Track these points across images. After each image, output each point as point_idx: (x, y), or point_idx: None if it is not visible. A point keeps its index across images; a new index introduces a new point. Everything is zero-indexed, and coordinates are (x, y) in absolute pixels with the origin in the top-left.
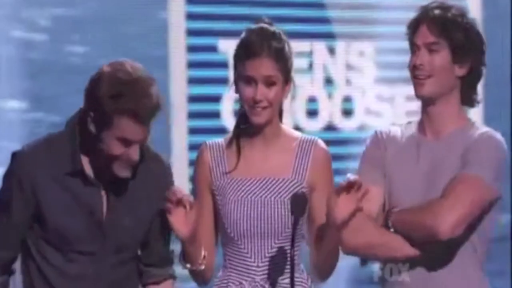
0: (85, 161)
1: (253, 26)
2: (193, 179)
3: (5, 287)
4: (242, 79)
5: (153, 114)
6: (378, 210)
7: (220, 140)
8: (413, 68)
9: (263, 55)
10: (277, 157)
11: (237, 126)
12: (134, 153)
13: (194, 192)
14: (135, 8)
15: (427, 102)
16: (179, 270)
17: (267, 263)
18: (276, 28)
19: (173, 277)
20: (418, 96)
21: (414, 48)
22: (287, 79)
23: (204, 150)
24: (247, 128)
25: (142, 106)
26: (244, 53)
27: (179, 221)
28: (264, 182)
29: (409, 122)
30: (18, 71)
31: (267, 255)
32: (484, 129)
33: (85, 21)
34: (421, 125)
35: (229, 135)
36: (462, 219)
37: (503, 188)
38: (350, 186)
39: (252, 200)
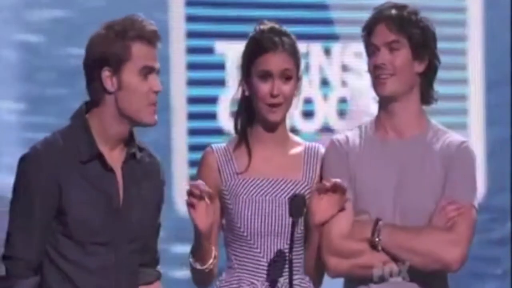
0: (101, 147)
1: (261, 25)
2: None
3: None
4: (257, 76)
5: (158, 36)
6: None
7: (223, 143)
8: (374, 68)
9: (279, 49)
10: (287, 159)
11: (243, 127)
12: (156, 83)
13: None
14: (135, 10)
15: (388, 101)
16: (173, 272)
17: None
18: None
19: (160, 276)
20: (380, 95)
21: (372, 49)
22: (298, 76)
23: (210, 153)
24: (254, 128)
25: (145, 29)
26: (257, 49)
27: (200, 214)
28: (277, 182)
29: (360, 126)
30: (17, 73)
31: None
32: (454, 135)
33: (85, 23)
34: (380, 124)
35: (234, 136)
36: (467, 250)
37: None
38: (334, 189)
39: (266, 199)
